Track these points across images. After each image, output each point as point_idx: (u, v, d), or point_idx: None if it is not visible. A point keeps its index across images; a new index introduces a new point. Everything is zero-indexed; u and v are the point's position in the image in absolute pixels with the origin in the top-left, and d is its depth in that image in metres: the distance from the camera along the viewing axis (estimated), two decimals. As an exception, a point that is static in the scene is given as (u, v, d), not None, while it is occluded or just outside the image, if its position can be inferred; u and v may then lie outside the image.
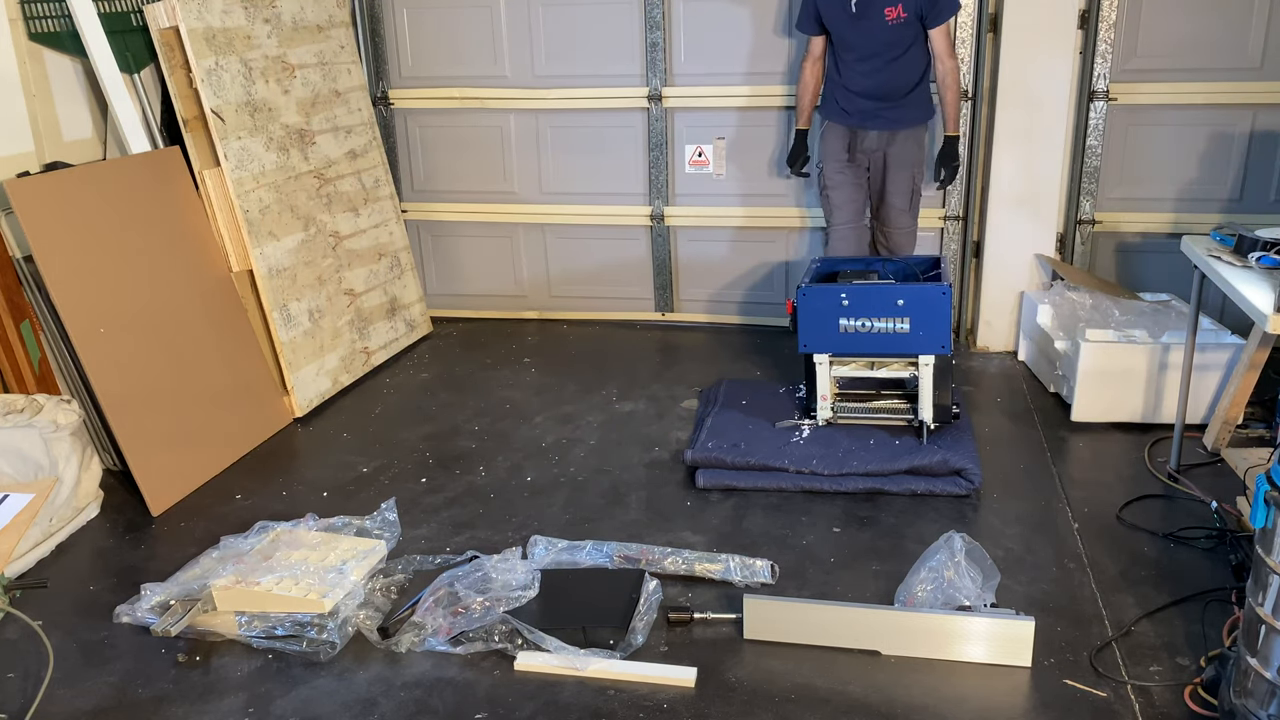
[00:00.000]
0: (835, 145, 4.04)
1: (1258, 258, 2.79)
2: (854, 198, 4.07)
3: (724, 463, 3.24)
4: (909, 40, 3.82)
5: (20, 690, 2.34)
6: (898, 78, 3.87)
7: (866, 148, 3.99)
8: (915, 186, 4.03)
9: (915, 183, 4.02)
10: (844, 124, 3.99)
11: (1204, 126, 4.12)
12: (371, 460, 3.51)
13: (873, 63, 3.84)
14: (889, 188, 4.03)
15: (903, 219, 4.06)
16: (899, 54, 3.83)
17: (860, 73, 3.87)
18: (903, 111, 3.93)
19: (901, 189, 4.01)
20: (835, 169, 4.05)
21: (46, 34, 3.55)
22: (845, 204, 4.06)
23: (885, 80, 3.86)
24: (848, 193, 4.06)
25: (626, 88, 4.51)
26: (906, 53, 3.84)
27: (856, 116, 3.95)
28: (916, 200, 4.06)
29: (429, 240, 4.94)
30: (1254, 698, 1.97)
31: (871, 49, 3.83)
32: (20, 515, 2.40)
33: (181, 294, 3.48)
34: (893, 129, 3.95)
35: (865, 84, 3.88)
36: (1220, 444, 3.34)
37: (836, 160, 4.04)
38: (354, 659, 2.42)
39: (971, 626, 2.33)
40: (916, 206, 4.08)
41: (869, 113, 3.92)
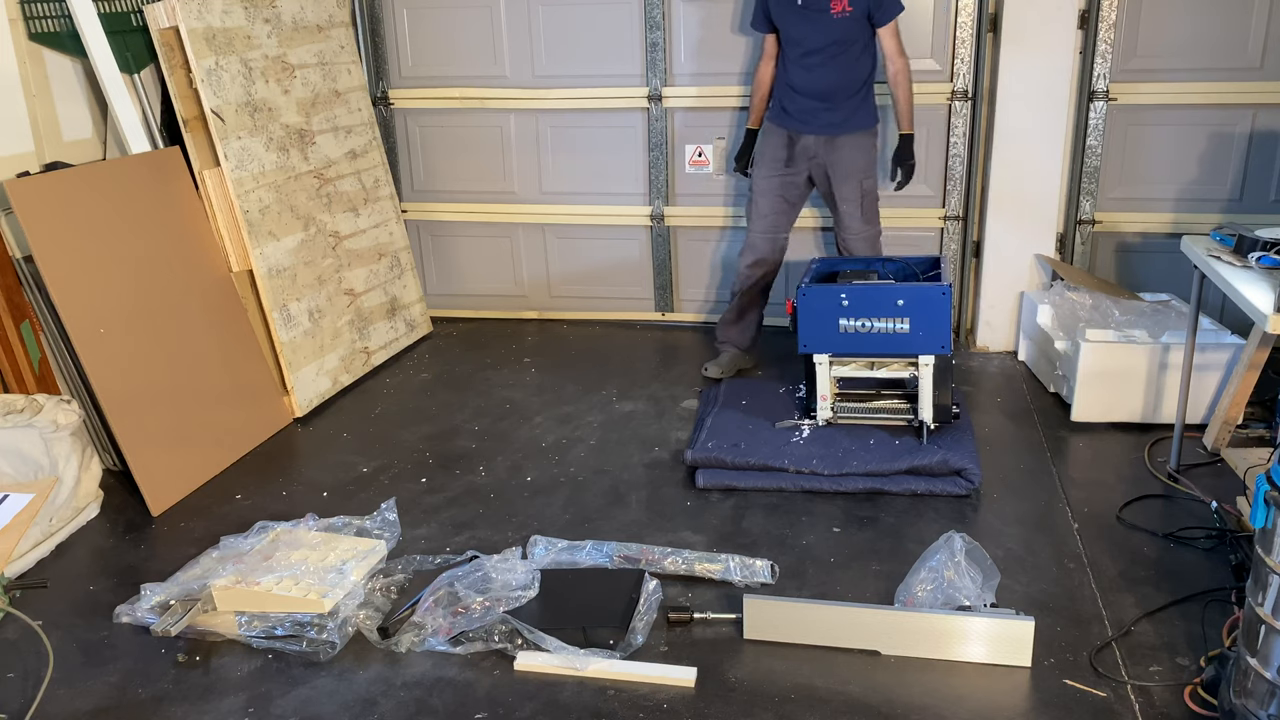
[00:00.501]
0: (772, 148, 3.97)
1: (1258, 258, 2.79)
2: (776, 209, 3.99)
3: (724, 463, 3.24)
4: (854, 38, 3.75)
5: (20, 690, 2.34)
6: (841, 77, 3.79)
7: (806, 153, 3.91)
8: (865, 193, 3.93)
9: (864, 189, 3.92)
10: (783, 126, 3.92)
11: (1204, 126, 4.13)
12: (371, 460, 3.51)
13: (816, 58, 3.77)
14: (837, 195, 3.94)
15: (857, 225, 3.97)
16: (843, 51, 3.76)
17: (803, 68, 3.80)
18: (843, 115, 3.84)
19: (850, 197, 3.92)
20: (764, 174, 3.98)
21: (46, 34, 3.55)
22: (766, 214, 4.00)
23: (827, 78, 3.79)
24: (770, 202, 3.99)
25: (626, 88, 4.51)
26: (849, 51, 3.77)
27: (796, 118, 3.88)
28: (870, 206, 3.97)
29: (429, 240, 4.94)
30: (1254, 698, 1.97)
31: (816, 44, 3.75)
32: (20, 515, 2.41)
33: (181, 294, 3.48)
34: (832, 134, 3.85)
35: (807, 81, 3.81)
36: (1220, 444, 3.34)
37: (770, 164, 3.96)
38: (354, 659, 2.42)
39: (971, 626, 2.33)
40: (872, 212, 3.98)
41: (809, 113, 3.84)
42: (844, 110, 3.85)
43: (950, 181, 4.36)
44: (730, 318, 4.19)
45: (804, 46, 3.78)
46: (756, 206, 4.02)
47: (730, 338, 4.20)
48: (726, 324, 4.22)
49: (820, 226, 4.53)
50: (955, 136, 4.29)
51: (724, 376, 4.08)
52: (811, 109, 3.84)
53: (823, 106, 3.84)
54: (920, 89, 4.25)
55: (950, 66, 4.22)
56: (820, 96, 3.82)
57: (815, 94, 3.82)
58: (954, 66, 4.21)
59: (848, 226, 3.98)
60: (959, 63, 4.20)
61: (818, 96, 3.82)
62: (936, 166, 4.37)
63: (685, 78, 4.48)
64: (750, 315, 4.18)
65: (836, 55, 3.77)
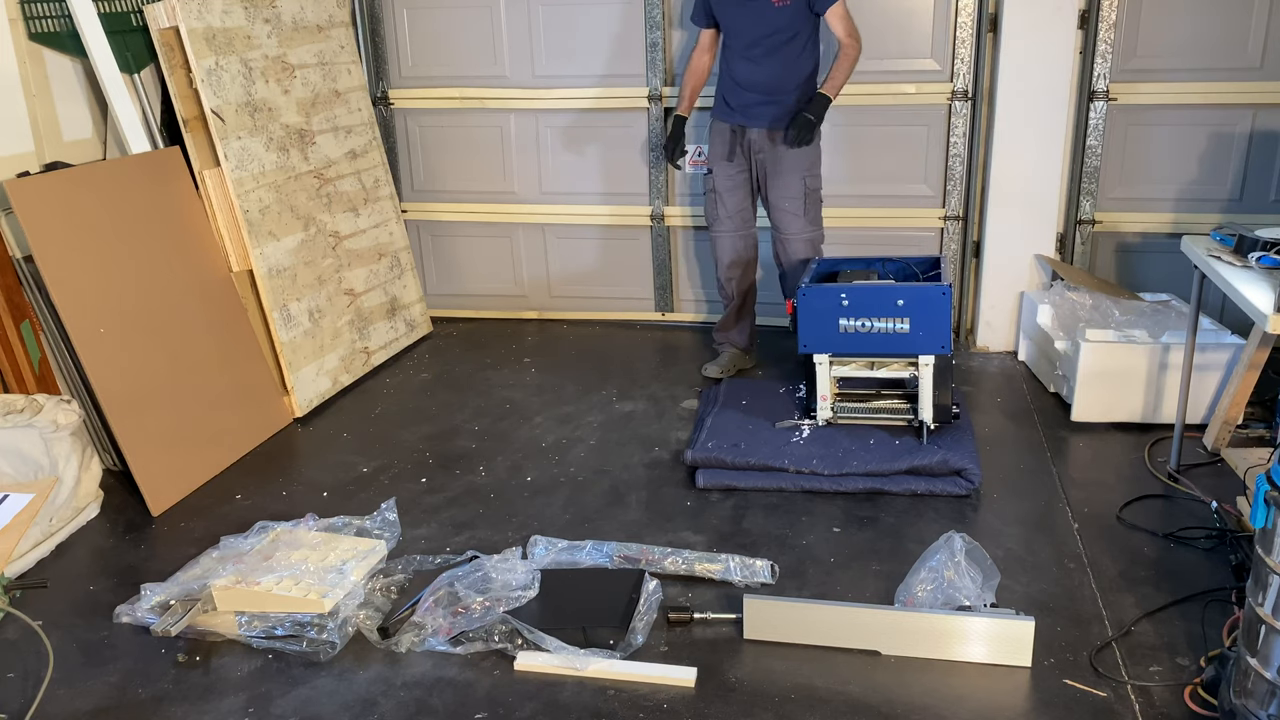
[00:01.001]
0: (720, 145, 3.93)
1: (1258, 258, 2.79)
2: (741, 205, 3.97)
3: (724, 463, 3.24)
4: (796, 29, 3.69)
5: (20, 690, 2.34)
6: (783, 69, 3.74)
7: (751, 147, 3.87)
8: (808, 191, 3.88)
9: (808, 187, 3.87)
10: (727, 120, 3.88)
11: (1204, 126, 4.12)
12: (371, 460, 3.51)
13: (758, 49, 3.72)
14: (775, 191, 3.88)
15: (795, 224, 3.90)
16: (784, 42, 3.70)
17: (746, 60, 3.75)
18: (784, 108, 3.77)
19: (790, 193, 3.86)
20: (724, 173, 3.94)
21: (46, 34, 3.55)
22: (734, 212, 3.97)
23: (769, 71, 3.74)
24: (735, 199, 3.96)
25: (626, 88, 4.51)
26: (792, 42, 3.71)
27: (740, 112, 3.84)
28: (812, 205, 3.90)
29: (429, 240, 4.94)
30: (1254, 698, 1.97)
31: (756, 35, 3.70)
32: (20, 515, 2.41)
33: (181, 294, 3.48)
34: (775, 126, 3.80)
35: (749, 74, 3.76)
36: (1220, 444, 3.34)
37: (722, 161, 3.93)
38: (354, 659, 2.42)
39: (971, 626, 2.33)
40: (814, 211, 3.91)
41: (751, 106, 3.80)
42: (787, 103, 3.78)
43: (950, 181, 4.36)
44: (727, 321, 4.20)
45: (745, 38, 3.74)
46: (723, 205, 3.97)
47: (728, 338, 4.21)
48: (723, 327, 4.23)
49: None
50: (955, 136, 4.28)
51: (724, 376, 4.08)
52: (754, 102, 3.80)
53: (766, 100, 3.79)
54: (920, 89, 4.27)
55: (950, 66, 4.22)
56: (764, 90, 3.78)
57: (758, 87, 3.78)
58: (954, 66, 4.21)
59: (788, 227, 3.91)
60: (959, 63, 4.20)
61: (761, 90, 3.78)
62: (936, 166, 4.37)
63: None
64: (745, 314, 4.18)
65: (779, 47, 3.72)
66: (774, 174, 3.88)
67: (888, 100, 4.29)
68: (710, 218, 4.06)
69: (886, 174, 4.39)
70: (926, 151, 4.35)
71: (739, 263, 4.05)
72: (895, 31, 4.22)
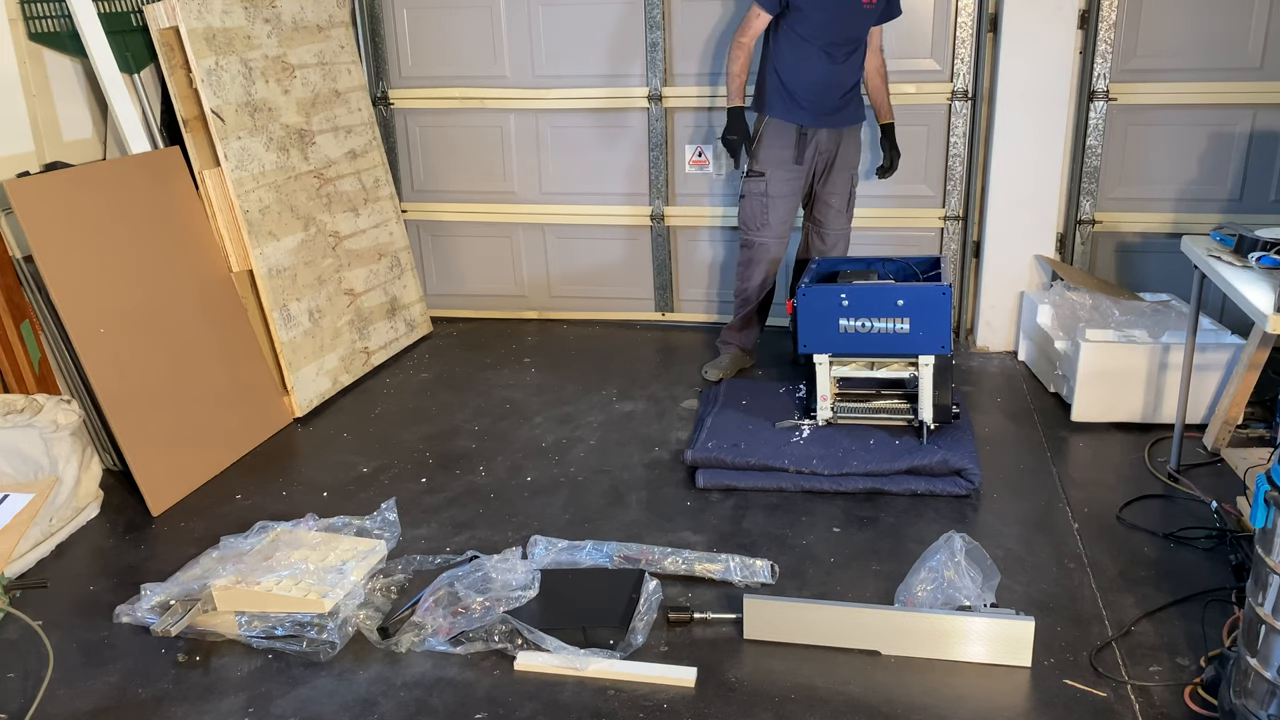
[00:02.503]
0: (781, 147, 3.83)
1: (1258, 258, 2.79)
2: (791, 212, 3.93)
3: (724, 463, 3.24)
4: (865, 34, 3.79)
5: (20, 690, 2.34)
6: (853, 71, 3.80)
7: (817, 147, 3.85)
8: (853, 188, 3.98)
9: (853, 184, 3.98)
10: (794, 121, 3.79)
11: (1204, 126, 4.13)
12: (371, 460, 3.51)
13: (844, 48, 3.71)
14: (828, 189, 3.93)
15: (839, 220, 3.99)
16: (858, 45, 3.77)
17: (830, 59, 3.71)
18: (851, 109, 3.86)
19: (840, 190, 3.94)
20: (782, 177, 3.84)
21: (46, 34, 3.55)
22: (784, 218, 3.91)
23: (848, 71, 3.77)
24: (788, 205, 3.90)
25: (626, 88, 4.51)
26: (862, 45, 3.80)
27: (810, 113, 3.78)
28: (853, 202, 4.01)
29: (429, 240, 4.94)
30: (1254, 698, 1.97)
31: (846, 34, 3.70)
32: (20, 515, 2.41)
33: (181, 294, 3.48)
34: (843, 126, 3.86)
35: (831, 73, 3.73)
36: (1220, 444, 3.34)
37: (783, 166, 3.84)
38: (354, 659, 2.42)
39: (971, 626, 2.33)
40: (852, 209, 4.03)
41: (831, 107, 3.79)
42: (854, 103, 3.87)
43: (950, 181, 4.36)
44: (738, 324, 4.18)
45: (833, 35, 3.69)
46: (774, 210, 3.88)
47: (735, 340, 4.20)
48: (733, 329, 4.21)
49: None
50: (955, 136, 4.29)
51: (725, 378, 4.07)
52: (830, 102, 3.79)
53: (841, 100, 3.81)
54: (920, 89, 4.27)
55: (950, 66, 4.22)
56: (839, 89, 3.79)
57: (838, 87, 3.78)
58: (954, 66, 4.21)
59: (832, 223, 3.99)
60: (959, 63, 4.20)
61: (837, 89, 3.78)
62: (936, 166, 4.37)
63: (685, 78, 4.48)
64: (760, 318, 4.18)
65: (854, 51, 3.77)
66: (831, 172, 3.91)
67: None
68: (755, 223, 3.92)
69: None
70: (926, 151, 4.35)
71: (774, 269, 4.04)
72: (895, 31, 4.21)
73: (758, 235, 3.94)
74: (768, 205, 3.88)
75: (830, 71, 3.74)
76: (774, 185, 3.85)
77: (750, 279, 4.03)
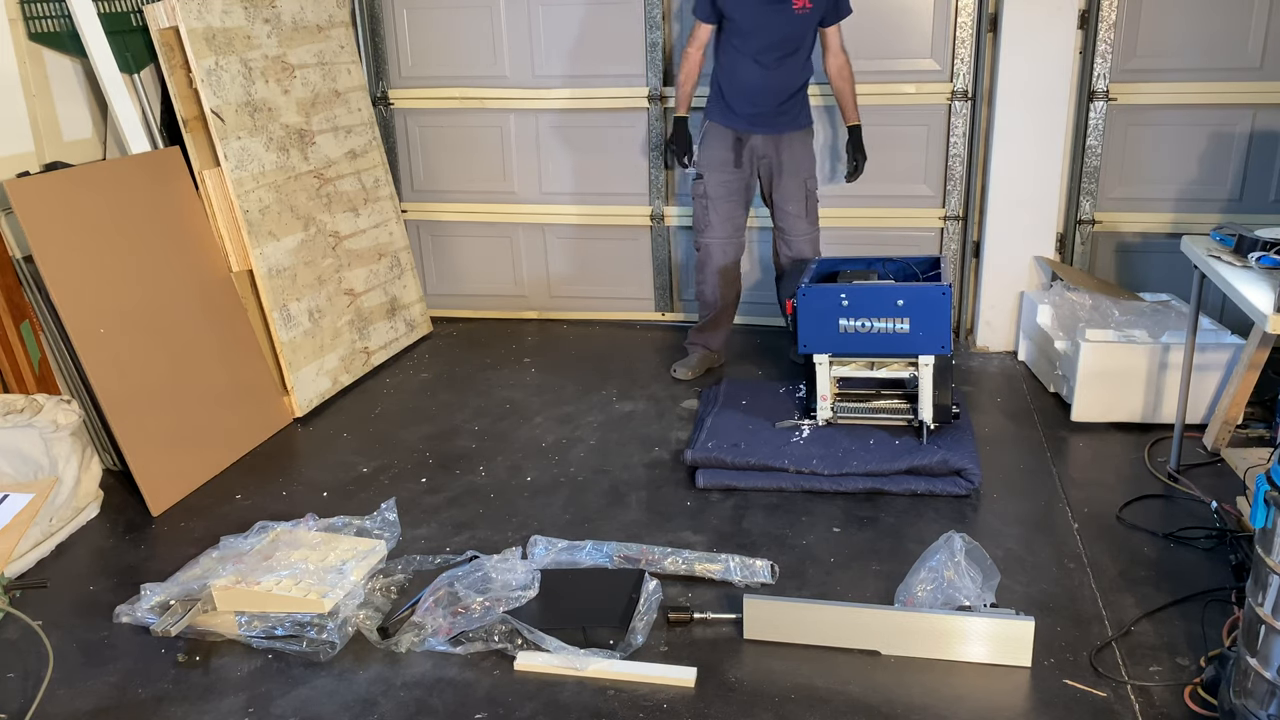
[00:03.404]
0: (719, 150, 3.87)
1: (1258, 258, 2.79)
2: (735, 212, 3.94)
3: (724, 463, 3.24)
4: (806, 37, 3.74)
5: (20, 690, 2.34)
6: (794, 76, 3.77)
7: (754, 153, 3.87)
8: (809, 192, 3.94)
9: (809, 188, 3.93)
10: (729, 126, 3.84)
11: (1204, 126, 4.13)
12: (371, 460, 3.51)
13: (773, 54, 3.70)
14: (781, 195, 3.92)
15: (800, 225, 3.95)
16: (794, 50, 3.72)
17: (759, 65, 3.71)
18: (790, 116, 3.84)
19: (795, 196, 3.91)
20: (719, 179, 3.89)
21: (46, 34, 3.55)
22: (727, 218, 3.93)
23: (781, 77, 3.74)
24: (730, 207, 3.92)
25: (626, 88, 4.51)
26: (801, 50, 3.74)
27: (744, 119, 3.81)
28: (813, 206, 3.97)
29: (429, 240, 4.94)
30: (1254, 698, 1.97)
31: (774, 39, 3.68)
32: (20, 515, 2.41)
33: (181, 294, 3.48)
34: (780, 133, 3.84)
35: (762, 79, 3.73)
36: (1220, 444, 3.34)
37: (721, 168, 3.88)
38: (354, 659, 2.42)
39: (971, 626, 2.33)
40: (814, 211, 3.98)
41: (762, 113, 3.80)
42: (790, 111, 3.84)
43: (950, 181, 4.36)
44: (707, 326, 4.18)
45: (761, 41, 3.69)
46: (716, 211, 3.92)
47: (700, 340, 4.21)
48: (699, 330, 4.22)
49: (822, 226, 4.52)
50: (955, 136, 4.29)
51: (693, 376, 4.10)
52: (764, 109, 3.79)
53: (775, 106, 3.80)
54: (920, 89, 4.27)
55: (950, 66, 4.22)
56: (774, 95, 3.77)
57: (769, 93, 3.77)
58: (954, 66, 4.21)
59: (792, 228, 3.96)
60: (959, 63, 4.20)
61: (771, 95, 3.77)
62: (936, 166, 4.37)
63: (685, 78, 4.48)
64: (726, 320, 4.18)
65: (788, 55, 3.72)
66: (779, 178, 3.90)
67: (888, 100, 4.29)
68: (700, 224, 4.00)
69: (886, 174, 4.39)
70: (926, 151, 4.35)
71: (728, 271, 4.04)
72: (895, 31, 4.22)
73: (703, 237, 3.99)
74: (709, 207, 3.92)
75: (762, 78, 3.74)
76: (713, 188, 3.90)
77: (704, 281, 4.07)
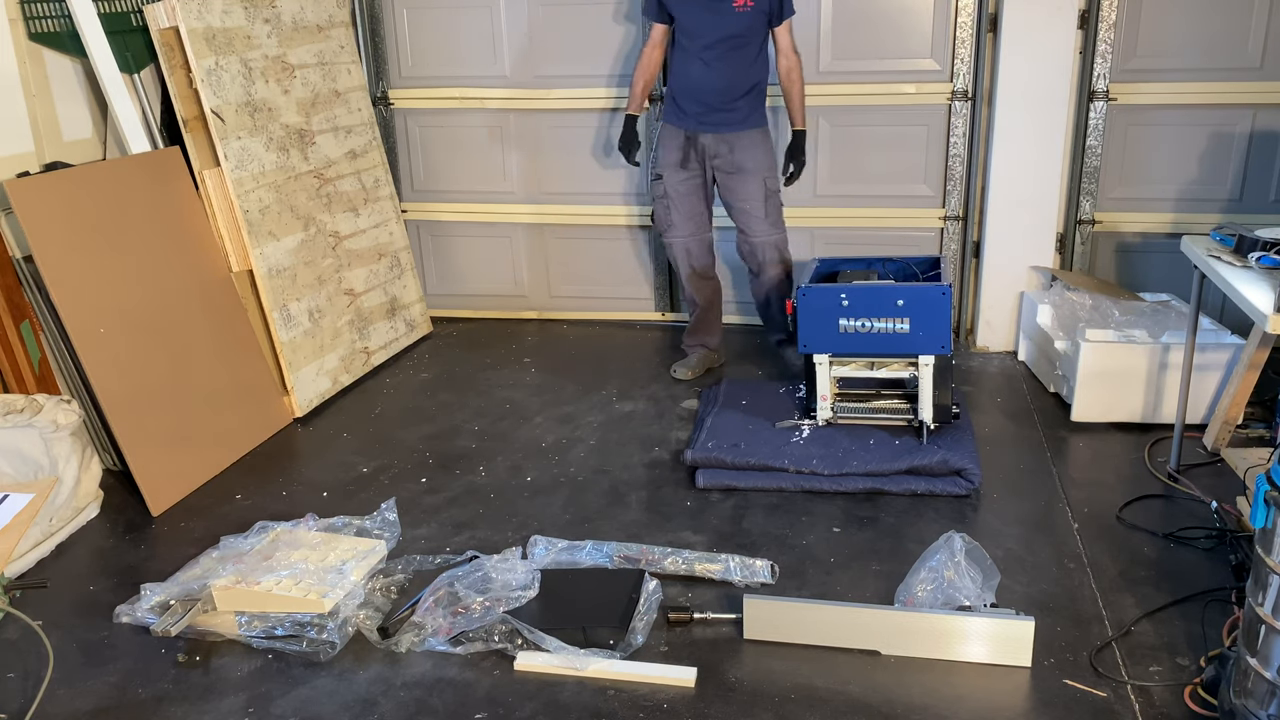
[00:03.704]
0: (673, 150, 3.86)
1: (1258, 258, 2.79)
2: (696, 210, 3.92)
3: (724, 463, 3.24)
4: (753, 35, 3.69)
5: (20, 690, 2.34)
6: (740, 74, 3.71)
7: (705, 152, 3.82)
8: (769, 192, 3.85)
9: (769, 188, 3.84)
10: (680, 125, 3.83)
11: (1204, 126, 4.13)
12: (371, 460, 3.51)
13: (714, 51, 3.67)
14: (738, 196, 3.86)
15: (761, 226, 3.87)
16: (742, 46, 3.68)
17: (703, 63, 3.69)
18: (739, 114, 3.76)
19: (753, 195, 3.83)
20: (676, 178, 3.88)
21: (46, 34, 3.55)
22: (687, 216, 3.91)
23: (724, 75, 3.69)
24: (690, 204, 3.90)
25: (626, 88, 4.50)
26: (747, 48, 3.69)
27: (694, 117, 3.78)
28: (773, 207, 3.88)
29: (429, 240, 4.94)
30: (1254, 698, 1.97)
31: (715, 36, 3.65)
32: (20, 515, 2.41)
33: (181, 294, 3.48)
34: (730, 131, 3.77)
35: (704, 77, 3.71)
36: (1220, 444, 3.34)
37: (675, 167, 3.87)
38: (354, 659, 2.42)
39: (971, 626, 2.33)
40: (775, 212, 3.90)
41: (707, 112, 3.76)
42: (739, 109, 3.76)
43: (950, 181, 4.36)
44: (697, 327, 4.20)
45: (703, 39, 3.67)
46: (677, 209, 3.90)
47: (700, 341, 4.22)
48: (693, 332, 4.23)
49: (819, 226, 4.53)
50: (955, 136, 4.29)
51: (693, 376, 4.11)
52: (709, 107, 3.75)
53: (721, 104, 3.74)
54: (920, 89, 4.27)
55: (950, 66, 4.22)
56: (719, 93, 3.72)
57: (714, 90, 3.72)
58: (954, 66, 4.21)
59: (753, 230, 3.90)
60: (959, 63, 4.20)
61: (716, 93, 3.73)
62: (936, 166, 4.37)
63: (685, 78, 4.47)
64: (714, 317, 4.19)
65: (736, 49, 3.68)
66: (734, 178, 3.84)
67: (887, 100, 4.29)
68: (663, 224, 3.99)
69: (886, 174, 4.39)
70: (926, 151, 4.35)
71: (698, 269, 4.03)
72: (895, 31, 4.22)
73: (667, 236, 4.01)
74: (670, 206, 3.92)
75: (704, 76, 3.71)
76: (671, 187, 3.89)
77: (685, 281, 4.08)
